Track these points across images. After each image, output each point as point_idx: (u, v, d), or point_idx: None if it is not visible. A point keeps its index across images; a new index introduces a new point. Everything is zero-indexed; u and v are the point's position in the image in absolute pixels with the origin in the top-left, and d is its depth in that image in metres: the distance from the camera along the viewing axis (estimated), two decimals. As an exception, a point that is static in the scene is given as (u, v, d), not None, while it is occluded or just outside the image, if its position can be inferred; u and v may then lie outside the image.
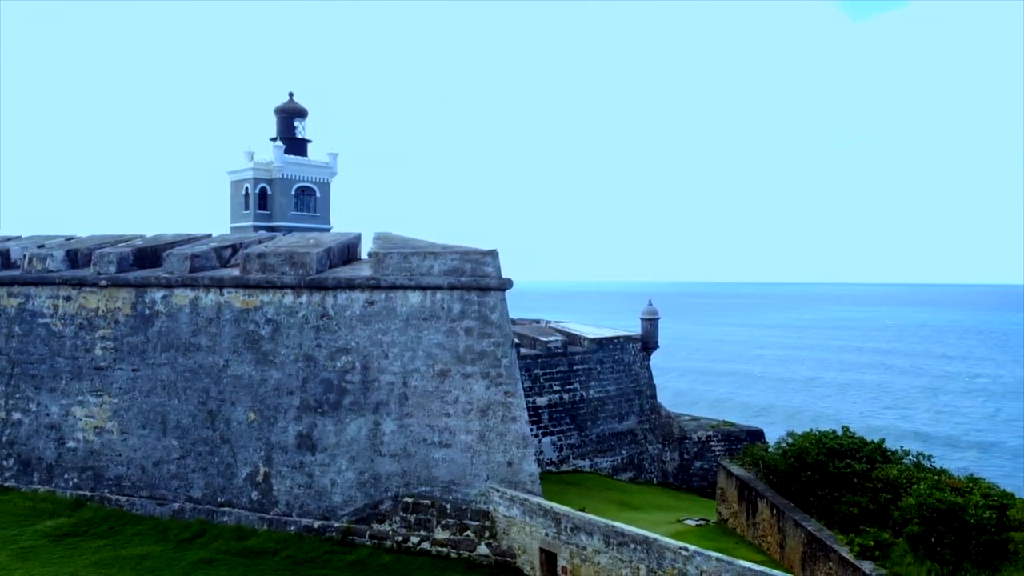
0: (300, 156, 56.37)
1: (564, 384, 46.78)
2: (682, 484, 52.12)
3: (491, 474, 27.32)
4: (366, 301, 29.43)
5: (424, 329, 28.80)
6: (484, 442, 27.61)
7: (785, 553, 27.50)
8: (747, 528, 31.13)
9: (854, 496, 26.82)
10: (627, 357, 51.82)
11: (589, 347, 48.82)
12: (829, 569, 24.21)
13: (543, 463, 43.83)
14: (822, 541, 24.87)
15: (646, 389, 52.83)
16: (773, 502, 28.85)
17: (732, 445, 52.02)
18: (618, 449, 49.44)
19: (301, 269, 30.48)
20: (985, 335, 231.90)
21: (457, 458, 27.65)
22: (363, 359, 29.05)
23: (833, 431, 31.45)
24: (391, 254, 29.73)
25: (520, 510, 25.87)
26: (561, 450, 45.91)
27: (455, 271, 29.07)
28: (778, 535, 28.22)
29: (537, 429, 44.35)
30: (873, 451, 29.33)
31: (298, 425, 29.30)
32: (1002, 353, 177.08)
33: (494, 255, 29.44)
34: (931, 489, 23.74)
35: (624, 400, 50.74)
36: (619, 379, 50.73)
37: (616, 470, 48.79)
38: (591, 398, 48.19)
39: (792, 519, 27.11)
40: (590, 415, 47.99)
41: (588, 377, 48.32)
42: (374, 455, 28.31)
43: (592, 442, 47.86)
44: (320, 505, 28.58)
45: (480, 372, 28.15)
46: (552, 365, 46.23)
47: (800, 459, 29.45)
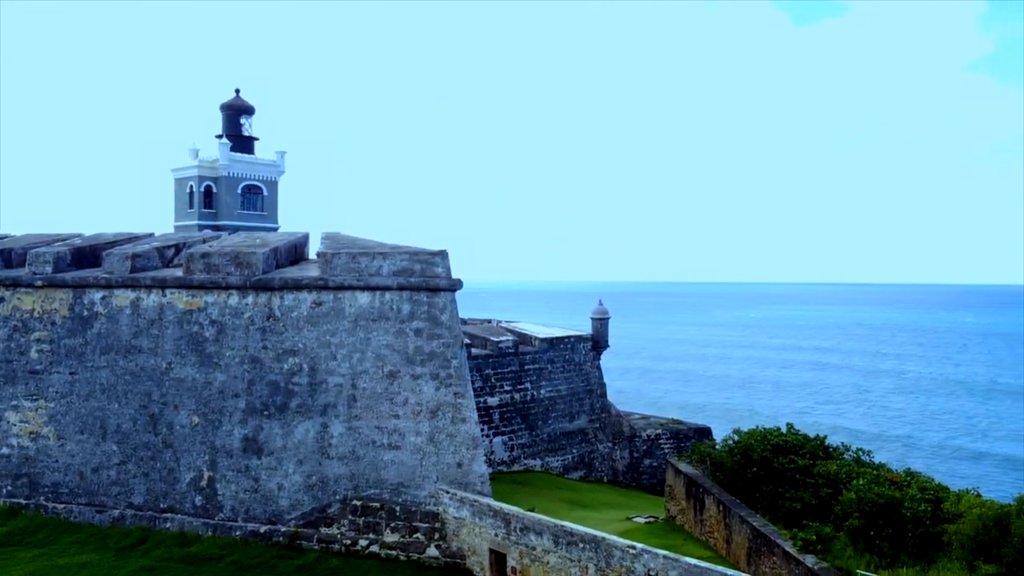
0: (247, 154, 55.35)
1: (515, 384, 46.85)
2: (632, 482, 52.65)
3: (441, 475, 27.20)
4: (314, 302, 29.02)
5: (373, 330, 28.53)
6: (434, 443, 27.46)
7: (731, 549, 27.98)
8: (695, 525, 31.58)
9: (797, 492, 27.47)
10: (578, 356, 52.14)
11: (540, 347, 48.99)
12: (773, 563, 24.70)
13: (494, 463, 43.84)
14: (767, 536, 25.37)
15: (596, 388, 53.23)
16: (720, 498, 29.33)
17: (681, 443, 52.74)
18: (569, 448, 49.72)
19: (247, 269, 29.91)
20: (916, 333, 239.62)
21: (406, 460, 27.46)
22: (311, 361, 28.65)
23: (777, 428, 32.15)
24: (339, 254, 29.38)
25: (470, 511, 25.81)
26: (512, 450, 45.98)
27: (404, 271, 28.86)
28: (725, 531, 28.69)
29: (488, 429, 44.33)
30: (815, 447, 30.07)
31: (244, 428, 28.75)
32: (931, 351, 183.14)
33: (444, 255, 29.31)
34: (870, 484, 24.46)
35: (575, 399, 51.05)
36: (570, 378, 51.02)
37: (567, 469, 49.06)
38: (542, 398, 48.36)
39: (738, 515, 27.59)
40: (541, 415, 48.15)
41: (539, 377, 48.48)
42: (322, 458, 27.94)
43: (543, 441, 48.04)
44: (267, 509, 28.09)
45: (430, 373, 28.00)
46: (503, 365, 46.26)
47: (746, 456, 30.03)
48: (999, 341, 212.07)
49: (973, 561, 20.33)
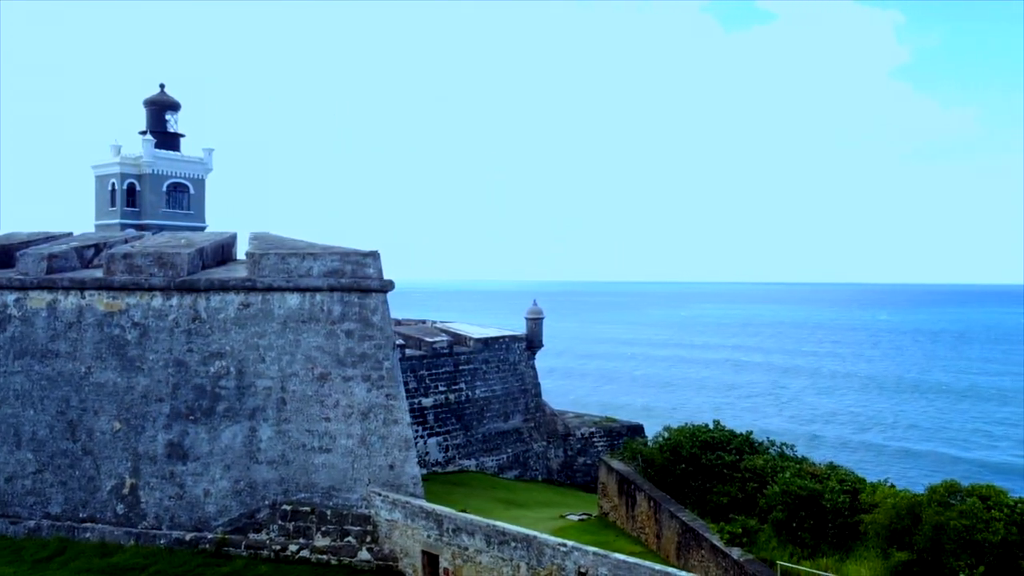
0: (172, 151, 53.72)
1: (450, 384, 46.75)
2: (566, 480, 53.13)
3: (373, 478, 26.96)
4: (241, 303, 28.40)
5: (303, 332, 28.09)
6: (366, 446, 27.20)
7: (662, 543, 28.51)
8: (627, 521, 32.06)
9: (725, 486, 28.13)
10: (512, 356, 52.33)
11: (475, 347, 49.00)
12: (702, 557, 25.29)
13: (429, 464, 43.66)
14: (695, 530, 25.95)
15: (531, 388, 53.53)
16: (651, 495, 29.85)
17: (614, 441, 53.46)
18: (504, 448, 49.87)
19: (171, 270, 29.07)
20: (832, 331, 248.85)
21: (338, 463, 27.12)
22: (238, 363, 28.03)
23: (705, 425, 32.86)
24: (268, 255, 28.82)
25: (402, 513, 25.66)
26: (447, 450, 45.87)
27: (335, 272, 28.49)
28: (655, 526, 29.22)
29: (422, 430, 44.12)
30: (742, 443, 30.85)
31: (168, 434, 27.94)
32: (846, 347, 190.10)
33: (375, 256, 29.06)
34: (793, 477, 25.22)
35: (510, 399, 51.23)
36: (505, 378, 51.18)
37: (502, 469, 49.19)
38: (477, 398, 48.38)
39: (668, 510, 28.13)
40: (476, 415, 48.17)
41: (474, 377, 48.49)
42: (250, 462, 27.36)
43: (478, 442, 48.07)
44: (192, 516, 27.36)
45: (361, 375, 27.73)
46: (438, 366, 46.10)
47: (675, 452, 30.61)
48: (908, 338, 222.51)
49: (887, 549, 21.16)
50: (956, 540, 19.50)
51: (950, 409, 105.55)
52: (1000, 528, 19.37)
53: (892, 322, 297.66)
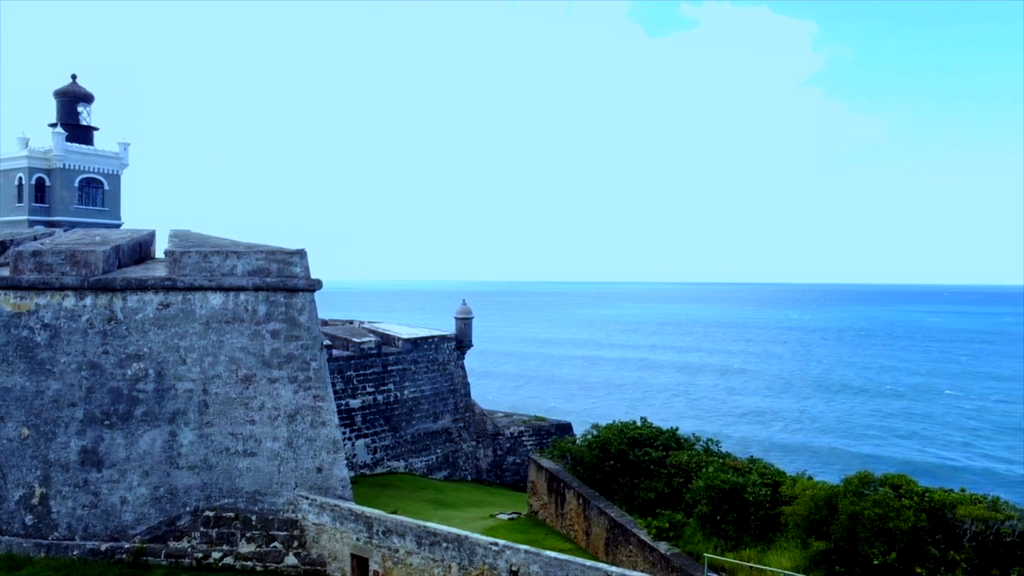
0: (85, 144, 51.44)
1: (378, 385, 46.22)
2: (496, 479, 53.21)
3: (300, 481, 26.40)
4: (161, 303, 27.39)
5: (226, 332, 27.29)
6: (292, 449, 26.62)
7: (591, 540, 28.84)
8: (556, 518, 32.30)
9: (652, 482, 28.65)
10: (442, 356, 52.11)
11: (404, 347, 48.57)
12: (630, 552, 25.69)
13: (357, 466, 43.05)
14: (623, 526, 26.35)
15: (460, 388, 53.40)
16: (580, 492, 30.15)
17: (543, 439, 53.83)
18: (433, 448, 49.60)
19: (85, 269, 27.81)
20: (744, 329, 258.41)
21: (263, 467, 26.46)
22: (157, 366, 27.02)
23: (633, 422, 33.41)
24: (189, 253, 27.89)
25: (330, 516, 25.21)
26: (375, 452, 45.33)
27: (260, 271, 27.78)
28: (584, 523, 29.53)
29: (350, 432, 43.48)
30: (668, 439, 31.48)
31: (82, 440, 26.71)
32: (756, 345, 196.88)
33: (302, 255, 28.46)
34: (717, 472, 25.87)
35: (439, 399, 50.98)
36: (434, 378, 50.91)
37: (431, 469, 48.91)
38: (406, 398, 47.98)
39: (597, 507, 28.48)
40: (405, 416, 47.75)
41: (403, 377, 48.07)
42: (170, 468, 26.42)
43: (407, 443, 47.66)
44: (108, 525, 26.23)
45: (288, 376, 27.12)
46: (366, 366, 45.51)
47: (604, 449, 31.01)
48: (816, 336, 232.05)
49: (807, 539, 21.94)
50: (870, 528, 20.35)
51: (850, 404, 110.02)
52: (910, 516, 20.30)
53: (802, 320, 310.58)
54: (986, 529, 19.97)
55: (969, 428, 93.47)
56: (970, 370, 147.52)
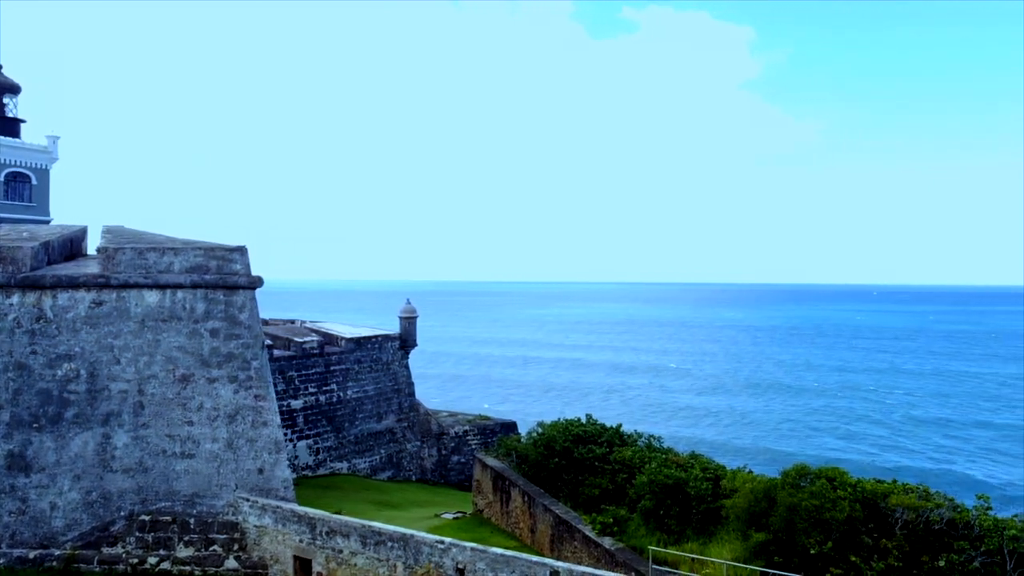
0: (11, 137, 49.43)
1: (321, 385, 45.55)
2: (440, 479, 53.00)
3: (240, 483, 25.81)
4: (93, 301, 26.46)
5: (163, 331, 26.51)
6: (232, 450, 26.02)
7: (536, 537, 28.95)
8: (502, 516, 32.34)
9: (596, 478, 28.93)
10: (385, 356, 51.65)
11: (347, 347, 48.00)
12: (575, 548, 25.88)
13: (299, 468, 42.35)
14: (568, 523, 26.53)
15: (405, 387, 53.02)
16: (525, 490, 30.24)
17: (488, 438, 53.81)
18: (377, 449, 49.11)
19: (11, 265, 26.66)
20: (679, 327, 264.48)
21: (202, 468, 25.79)
22: (90, 366, 26.09)
23: (578, 419, 33.67)
24: (124, 249, 27.00)
25: (272, 518, 24.73)
26: (318, 453, 44.66)
27: (199, 268, 27.08)
28: (530, 520, 29.63)
29: (292, 433, 42.75)
30: (612, 436, 31.83)
31: (8, 443, 25.60)
32: (689, 344, 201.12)
33: (243, 251, 27.85)
34: (660, 467, 26.28)
35: (383, 399, 50.52)
36: (378, 378, 50.43)
37: (375, 470, 48.44)
38: (349, 399, 47.41)
39: (542, 504, 28.61)
40: (348, 416, 47.18)
41: (346, 377, 47.48)
42: (104, 471, 25.53)
43: (350, 443, 47.09)
44: (37, 532, 25.20)
45: (228, 376, 26.50)
46: (308, 366, 44.81)
47: (549, 447, 31.18)
48: (748, 334, 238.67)
49: (747, 531, 22.44)
50: (807, 519, 20.92)
51: (778, 401, 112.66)
52: (845, 506, 20.94)
53: (736, 319, 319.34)
54: (916, 517, 20.72)
55: (890, 423, 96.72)
56: (896, 367, 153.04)
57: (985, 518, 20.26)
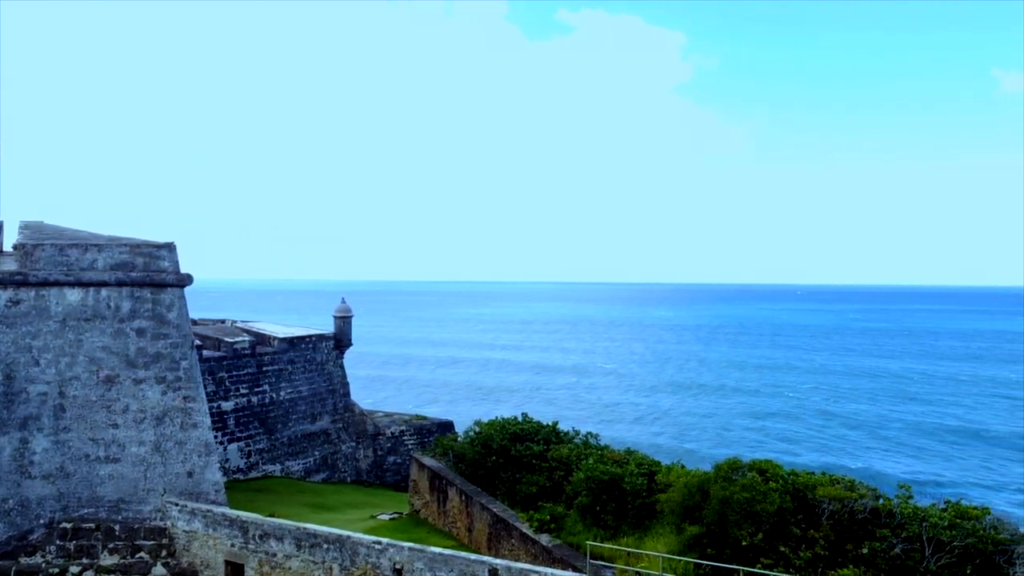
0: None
1: (253, 386, 44.50)
2: (377, 480, 52.43)
3: (169, 487, 25.03)
4: (10, 300, 25.25)
5: (86, 331, 25.49)
6: (160, 453, 25.20)
7: (473, 536, 28.89)
8: (439, 516, 32.17)
9: (534, 476, 29.05)
10: (320, 356, 50.81)
11: (280, 347, 47.02)
12: (512, 545, 25.92)
13: (230, 471, 41.29)
14: (505, 520, 26.55)
15: (340, 388, 52.26)
16: (462, 489, 30.15)
17: (424, 438, 53.49)
18: (311, 450, 48.27)
19: (-81, 262, 25.29)
20: (609, 326, 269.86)
21: (127, 473, 24.90)
22: (6, 367, 24.88)
23: (515, 417, 33.76)
24: (43, 246, 25.86)
25: (202, 522, 24.05)
26: (249, 456, 43.63)
27: (124, 266, 26.13)
28: (467, 519, 29.56)
29: (223, 435, 41.64)
30: (549, 433, 32.02)
31: (-84, 450, 24.26)
32: (621, 344, 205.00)
33: (171, 248, 27.00)
34: (596, 463, 26.54)
35: (317, 400, 49.69)
36: (312, 379, 49.57)
37: (309, 472, 47.59)
38: (282, 400, 46.45)
39: (479, 503, 28.56)
40: (281, 417, 46.23)
41: (279, 378, 46.51)
42: (21, 478, 24.40)
43: (283, 445, 46.15)
44: (-52, 543, 23.95)
45: (155, 376, 25.65)
46: (239, 367, 43.72)
47: (486, 446, 31.18)
48: (674, 333, 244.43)
49: (681, 524, 22.85)
50: (739, 512, 21.42)
51: (700, 400, 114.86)
52: (776, 498, 21.51)
53: (666, 318, 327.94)
54: (842, 508, 21.44)
55: (806, 418, 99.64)
56: (817, 365, 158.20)
57: (906, 507, 21.09)
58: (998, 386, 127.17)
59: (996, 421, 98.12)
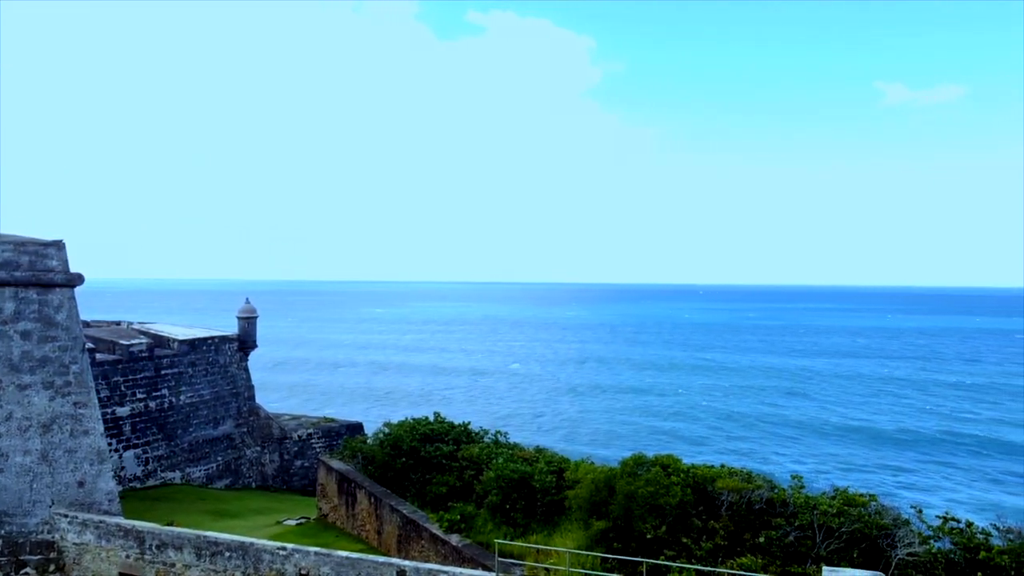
0: None
1: (150, 391, 42.67)
2: (283, 485, 51.17)
3: (58, 498, 23.72)
4: None
5: (-36, 334, 23.88)
6: (48, 462, 23.85)
7: (383, 539, 28.59)
8: (347, 520, 31.68)
9: (444, 476, 29.00)
10: (223, 358, 49.19)
11: (179, 349, 45.25)
12: (422, 547, 25.80)
13: (125, 480, 39.48)
14: (415, 522, 26.40)
15: (244, 390, 50.74)
16: (371, 491, 29.79)
17: (333, 441, 52.56)
18: (213, 456, 46.67)
19: None
20: (514, 325, 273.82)
21: (11, 484, 23.45)
22: None
23: (426, 417, 33.61)
24: (-85, 243, 24.09)
25: (95, 534, 22.91)
26: (147, 463, 41.81)
27: (7, 264, 24.60)
28: (376, 522, 29.22)
29: (118, 442, 39.77)
30: (459, 433, 32.03)
31: None
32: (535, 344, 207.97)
33: (59, 246, 25.60)
34: (506, 462, 26.72)
35: (220, 404, 48.08)
36: (214, 382, 47.93)
37: (211, 479, 46.00)
38: (182, 404, 44.73)
39: (389, 505, 28.29)
40: (181, 422, 44.50)
41: (178, 382, 44.76)
42: None
43: (184, 451, 44.44)
44: None
45: (42, 382, 24.25)
46: (136, 371, 41.84)
47: (396, 447, 30.91)
48: (574, 332, 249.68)
49: (588, 520, 23.26)
50: (643, 506, 21.98)
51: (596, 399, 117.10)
52: (678, 492, 22.18)
53: (579, 317, 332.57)
54: (740, 499, 22.30)
55: (699, 416, 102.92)
56: (714, 362, 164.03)
57: (798, 496, 22.10)
58: (879, 382, 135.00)
59: (874, 416, 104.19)
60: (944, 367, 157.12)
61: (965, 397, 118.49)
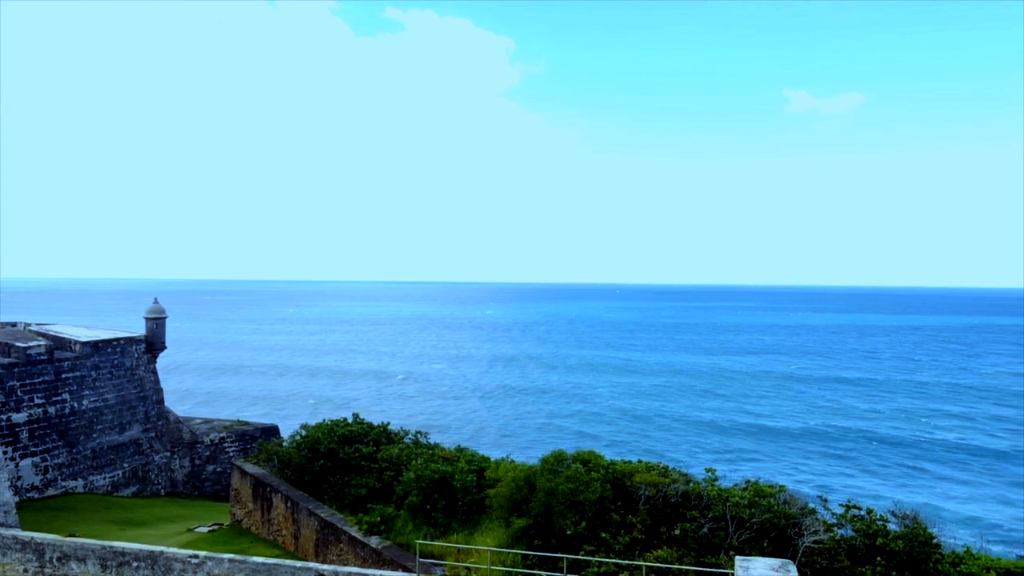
0: None
1: (50, 396, 40.54)
2: (194, 491, 49.49)
3: (-54, 511, 22.28)
4: None
5: None
6: (-64, 473, 22.37)
7: (300, 543, 28.01)
8: (263, 525, 30.90)
9: (363, 478, 28.59)
10: (129, 360, 47.17)
11: (82, 351, 43.15)
12: (341, 550, 25.40)
13: (22, 490, 37.41)
14: (334, 525, 25.97)
15: (152, 394, 48.79)
16: (288, 495, 29.14)
17: (247, 444, 51.16)
18: (119, 463, 44.71)
19: None
20: (427, 323, 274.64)
21: None
22: None
23: (344, 419, 33.05)
24: None
25: (-11, 548, 21.61)
26: (46, 472, 39.71)
27: None
28: (293, 526, 28.60)
29: (13, 451, 37.64)
30: (379, 434, 31.64)
31: None
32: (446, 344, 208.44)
33: (-51, 243, 24.08)
34: (426, 463, 26.56)
35: (126, 408, 46.09)
36: (120, 385, 45.91)
37: (117, 486, 44.07)
38: (85, 409, 42.67)
39: (306, 508, 27.74)
40: (84, 428, 42.45)
41: (81, 386, 42.68)
42: None
43: (86, 459, 42.41)
44: None
45: (-71, 387, 22.73)
46: (33, 375, 39.69)
47: (313, 449, 30.30)
48: (489, 332, 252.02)
49: (509, 518, 23.35)
50: (564, 502, 22.23)
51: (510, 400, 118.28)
52: (597, 487, 22.53)
53: (496, 316, 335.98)
54: (657, 493, 22.82)
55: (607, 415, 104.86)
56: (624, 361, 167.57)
57: (712, 489, 22.77)
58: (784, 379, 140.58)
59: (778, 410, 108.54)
60: (839, 363, 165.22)
61: (860, 393, 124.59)
